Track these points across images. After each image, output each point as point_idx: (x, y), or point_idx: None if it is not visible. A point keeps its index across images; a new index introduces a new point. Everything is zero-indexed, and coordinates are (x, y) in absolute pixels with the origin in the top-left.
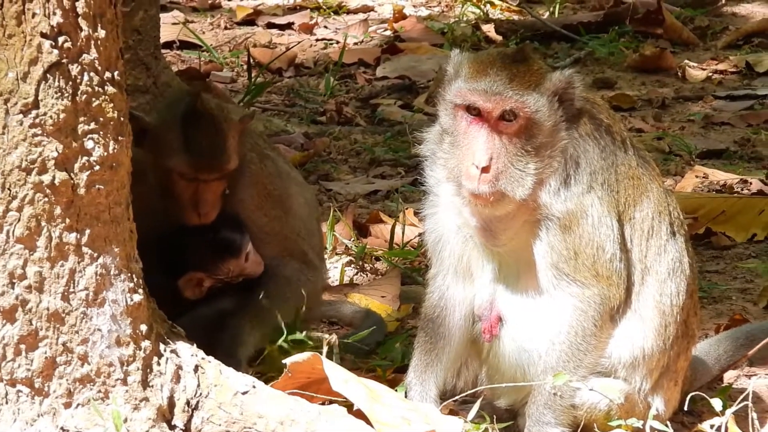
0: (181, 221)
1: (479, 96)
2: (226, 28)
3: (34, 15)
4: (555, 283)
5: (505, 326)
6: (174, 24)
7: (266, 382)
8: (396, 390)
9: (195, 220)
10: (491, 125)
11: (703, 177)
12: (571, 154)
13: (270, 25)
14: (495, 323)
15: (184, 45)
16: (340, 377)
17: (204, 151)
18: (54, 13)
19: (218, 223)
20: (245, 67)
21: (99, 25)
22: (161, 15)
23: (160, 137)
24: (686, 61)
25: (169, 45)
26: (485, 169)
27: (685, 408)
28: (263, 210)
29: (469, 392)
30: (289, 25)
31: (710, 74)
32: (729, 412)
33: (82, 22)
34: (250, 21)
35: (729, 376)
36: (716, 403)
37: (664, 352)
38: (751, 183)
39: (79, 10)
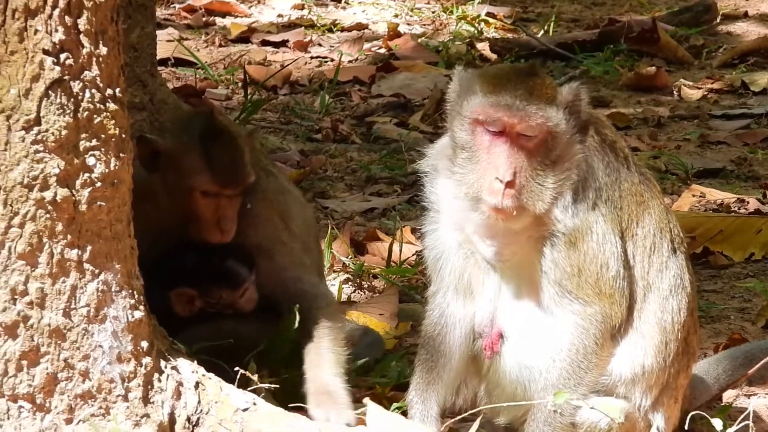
0: (200, 240)
1: (503, 111)
2: (220, 45)
3: (36, 32)
4: (557, 300)
5: (507, 342)
6: (169, 41)
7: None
8: (394, 408)
9: (217, 237)
10: (512, 139)
11: (700, 196)
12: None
13: (264, 43)
14: (496, 339)
15: (179, 62)
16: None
17: (227, 167)
18: (56, 30)
19: (229, 251)
20: (240, 84)
21: (101, 42)
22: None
23: (178, 158)
24: (681, 80)
25: (164, 62)
26: (509, 184)
27: (686, 427)
28: (272, 222)
29: (471, 411)
30: (283, 43)
31: (706, 93)
32: (730, 431)
33: (84, 39)
34: (244, 38)
35: (728, 396)
36: (717, 423)
37: (664, 369)
38: (748, 202)
39: (81, 27)
